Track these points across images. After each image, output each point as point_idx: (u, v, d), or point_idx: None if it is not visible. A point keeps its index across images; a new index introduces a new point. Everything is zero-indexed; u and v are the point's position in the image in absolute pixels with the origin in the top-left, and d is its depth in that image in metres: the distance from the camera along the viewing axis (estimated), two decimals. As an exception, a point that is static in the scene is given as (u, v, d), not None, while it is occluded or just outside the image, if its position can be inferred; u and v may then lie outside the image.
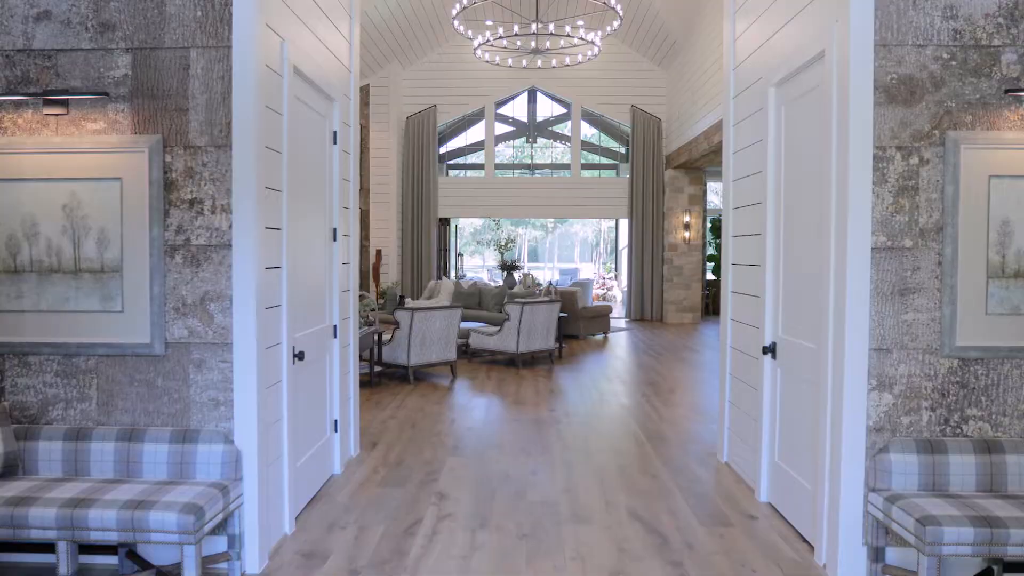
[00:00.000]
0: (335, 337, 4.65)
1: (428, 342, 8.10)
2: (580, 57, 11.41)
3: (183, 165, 3.19)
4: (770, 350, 4.10)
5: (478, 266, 29.77)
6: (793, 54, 3.77)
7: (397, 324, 8.03)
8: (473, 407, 6.85)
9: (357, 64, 5.09)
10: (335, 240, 4.63)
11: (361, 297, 8.06)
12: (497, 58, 11.95)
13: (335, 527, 3.80)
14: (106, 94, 3.15)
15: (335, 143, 4.62)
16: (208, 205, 3.19)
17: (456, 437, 5.70)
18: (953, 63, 3.09)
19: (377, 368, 8.07)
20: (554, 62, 11.91)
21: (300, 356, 3.78)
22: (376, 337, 8.10)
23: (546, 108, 16.23)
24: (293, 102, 3.76)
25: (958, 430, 3.14)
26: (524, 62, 11.91)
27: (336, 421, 4.68)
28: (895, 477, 3.04)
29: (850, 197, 3.10)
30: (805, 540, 3.62)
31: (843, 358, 3.14)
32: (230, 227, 3.19)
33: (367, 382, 7.87)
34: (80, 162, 3.19)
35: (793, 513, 3.81)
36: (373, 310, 8.07)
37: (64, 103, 3.19)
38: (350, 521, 3.89)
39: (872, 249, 3.11)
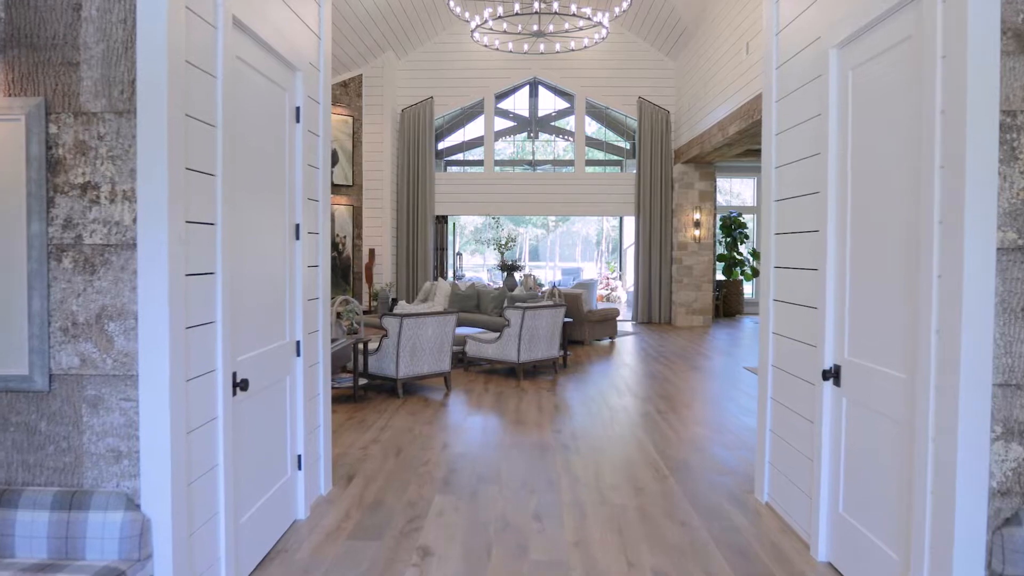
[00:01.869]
0: (298, 356, 3.85)
1: (419, 352, 7.30)
2: (586, 41, 10.57)
3: (72, 138, 2.39)
4: (832, 375, 3.30)
5: (479, 265, 28.97)
6: (867, 1, 2.97)
7: (385, 332, 7.23)
8: (468, 427, 6.05)
9: (328, 31, 4.30)
10: (298, 238, 3.84)
11: (345, 302, 7.28)
12: (496, 42, 11.13)
13: (287, 602, 3.01)
14: (-37, 41, 2.35)
15: (298, 121, 3.83)
16: (106, 191, 2.40)
17: (447, 467, 4.90)
18: (1107, -1, 2.29)
19: (363, 381, 7.27)
20: (558, 46, 11.08)
21: (243, 385, 2.98)
22: (362, 346, 7.31)
23: (548, 102, 15.41)
24: (235, 64, 2.97)
25: (1112, 494, 2.34)
26: (525, 46, 11.09)
27: (300, 457, 3.88)
28: (1032, 560, 2.24)
29: (967, 181, 2.30)
30: (889, 624, 2.82)
31: (955, 395, 2.34)
32: (135, 221, 2.39)
33: (350, 396, 7.08)
34: (-63, 134, 2.40)
35: (868, 584, 3.01)
36: (358, 315, 7.27)
37: (-84, 56, 2.40)
38: (308, 592, 3.09)
39: (997, 250, 2.31)
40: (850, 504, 3.18)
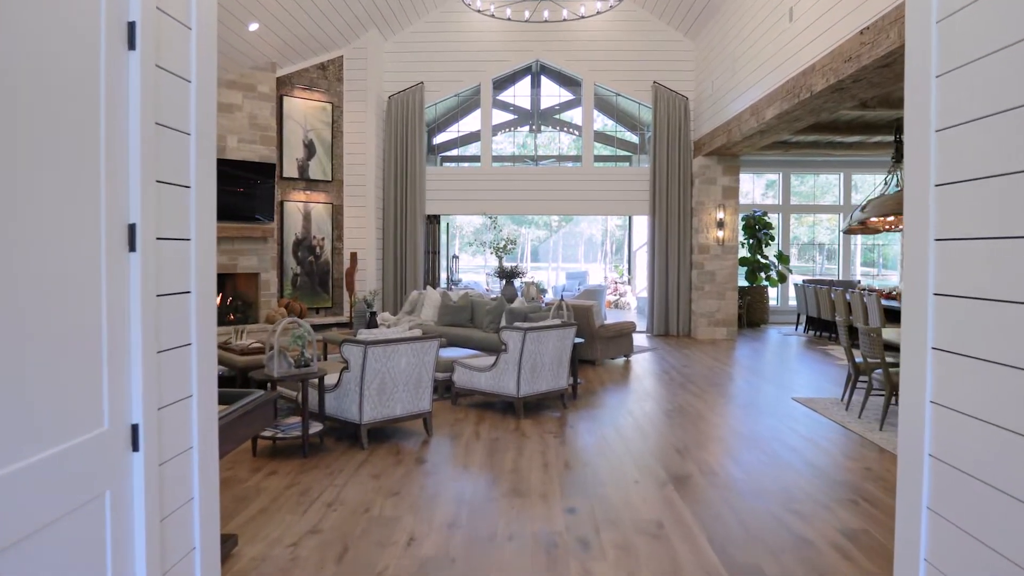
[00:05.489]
0: (136, 450, 2.26)
1: (390, 388, 5.70)
2: (599, 5, 8.97)
3: None
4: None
5: (479, 267, 27.42)
6: None
7: (345, 363, 5.63)
8: (447, 502, 4.45)
9: (213, -82, 2.70)
10: (134, 249, 2.24)
11: (290, 325, 5.68)
12: (492, 7, 9.52)
13: None
14: None
15: (133, 48, 2.23)
16: None
17: (409, 586, 3.30)
18: None
19: (318, 427, 5.66)
20: (565, 13, 9.47)
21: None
22: (316, 382, 5.72)
23: (552, 91, 13.81)
24: None
25: None
26: (527, 13, 9.48)
27: (142, 619, 2.29)
28: None
29: None
30: None
31: None
32: None
33: (299, 446, 5.48)
34: None
35: None
36: (309, 340, 5.66)
37: None
38: None
39: None
40: None
